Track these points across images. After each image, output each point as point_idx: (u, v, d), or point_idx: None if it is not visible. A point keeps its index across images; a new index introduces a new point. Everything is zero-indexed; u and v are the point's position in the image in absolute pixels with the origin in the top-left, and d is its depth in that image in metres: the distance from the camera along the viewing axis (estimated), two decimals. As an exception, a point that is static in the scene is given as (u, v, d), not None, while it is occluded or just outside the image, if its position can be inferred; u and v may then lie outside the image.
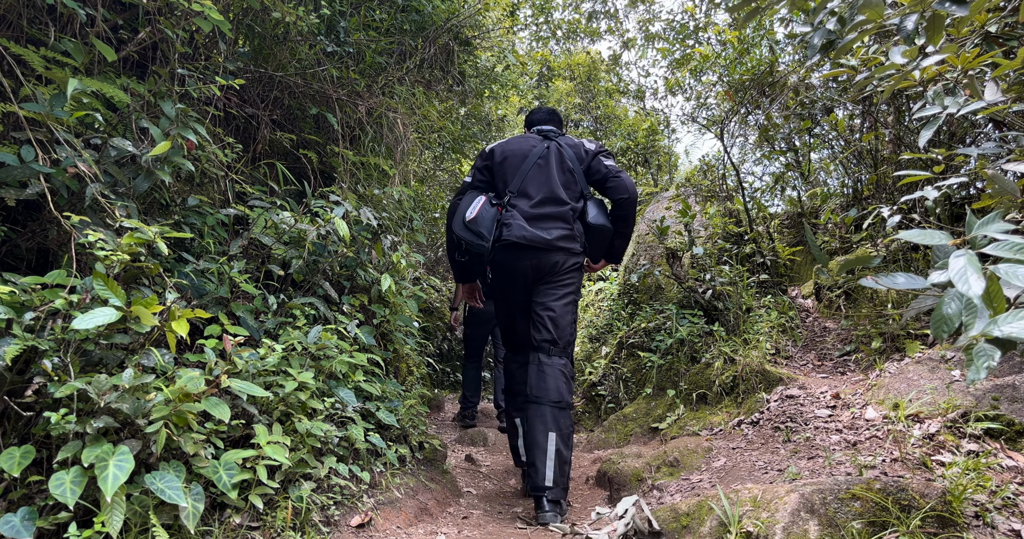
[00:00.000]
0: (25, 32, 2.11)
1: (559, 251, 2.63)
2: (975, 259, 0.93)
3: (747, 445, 2.67)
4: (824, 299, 4.25)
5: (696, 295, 4.06)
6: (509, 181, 2.69)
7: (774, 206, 6.10)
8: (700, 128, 7.10)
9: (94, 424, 1.45)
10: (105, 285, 1.60)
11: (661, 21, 11.18)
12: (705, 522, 1.75)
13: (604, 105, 10.42)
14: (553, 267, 2.64)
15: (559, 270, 2.66)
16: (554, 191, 2.66)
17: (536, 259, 2.62)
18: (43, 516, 1.41)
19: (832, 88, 4.65)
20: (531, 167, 2.70)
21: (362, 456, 2.26)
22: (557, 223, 2.64)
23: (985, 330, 0.92)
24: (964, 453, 2.01)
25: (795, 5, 1.86)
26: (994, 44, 1.88)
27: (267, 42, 3.07)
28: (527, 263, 2.62)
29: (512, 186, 2.67)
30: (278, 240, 2.53)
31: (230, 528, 1.67)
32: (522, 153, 2.74)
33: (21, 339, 1.47)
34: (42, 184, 1.77)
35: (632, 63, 15.35)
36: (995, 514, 1.63)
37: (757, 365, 3.25)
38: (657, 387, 3.80)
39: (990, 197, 1.57)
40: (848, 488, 1.63)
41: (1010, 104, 1.66)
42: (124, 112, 2.13)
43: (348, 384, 2.35)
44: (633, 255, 5.10)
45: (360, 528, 1.96)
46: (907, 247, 3.65)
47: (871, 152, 4.48)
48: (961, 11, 1.43)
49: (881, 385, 2.65)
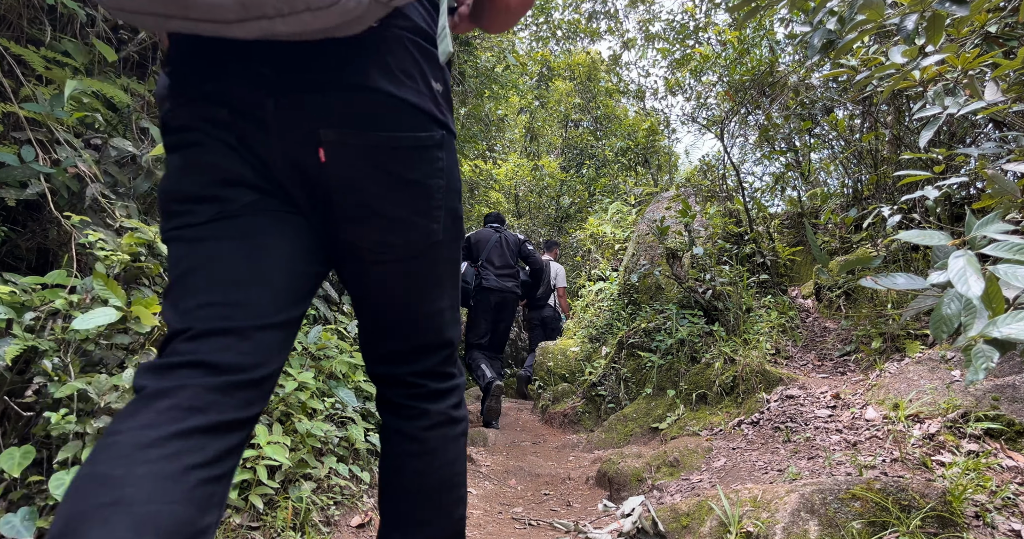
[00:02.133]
0: (25, 32, 2.11)
1: (512, 293, 4.91)
2: (974, 260, 0.93)
3: (747, 445, 2.67)
4: (824, 299, 4.25)
5: (696, 295, 4.06)
6: (480, 254, 4.87)
7: (774, 206, 6.10)
8: (700, 128, 7.11)
9: (94, 424, 1.45)
10: (105, 285, 1.60)
11: (661, 21, 11.19)
12: (705, 522, 1.75)
13: (604, 105, 10.42)
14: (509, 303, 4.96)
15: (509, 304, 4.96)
16: (507, 260, 4.92)
17: (500, 297, 4.86)
18: (43, 516, 1.41)
19: (832, 88, 4.65)
20: (492, 246, 4.87)
21: (362, 456, 2.26)
22: (511, 279, 4.92)
23: (984, 331, 0.92)
24: (964, 453, 2.01)
25: (795, 5, 1.86)
26: (994, 44, 1.88)
27: (267, 42, 3.06)
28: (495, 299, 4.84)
29: (482, 257, 4.86)
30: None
31: (230, 528, 1.67)
32: (486, 238, 4.94)
33: (21, 339, 1.47)
34: (42, 184, 1.77)
35: (632, 63, 15.37)
36: (995, 514, 1.63)
37: (757, 365, 3.25)
38: (657, 387, 3.80)
39: (990, 197, 1.57)
40: (848, 488, 1.63)
41: (1010, 104, 1.66)
42: (124, 112, 2.13)
43: (348, 384, 2.36)
44: (633, 255, 5.10)
45: (360, 528, 1.96)
46: (907, 247, 3.65)
47: (871, 152, 4.49)
48: (961, 11, 1.43)
49: (881, 385, 2.65)
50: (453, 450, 0.95)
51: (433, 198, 0.84)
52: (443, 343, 0.95)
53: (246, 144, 0.77)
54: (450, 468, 0.94)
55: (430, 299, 0.91)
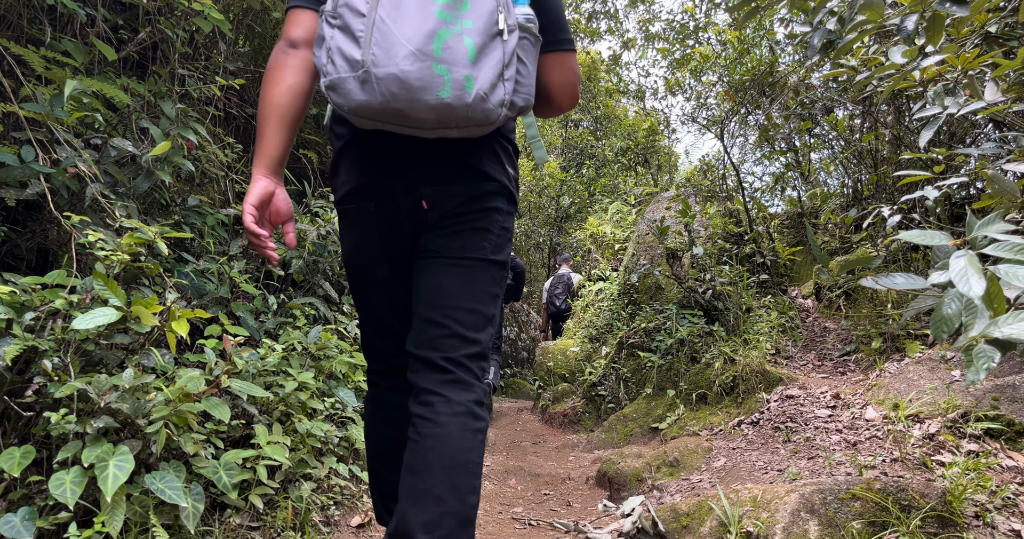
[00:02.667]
0: (25, 32, 2.11)
1: None
2: (975, 260, 0.93)
3: (747, 445, 2.67)
4: (824, 299, 4.25)
5: (696, 295, 4.06)
6: None
7: (774, 206, 6.10)
8: (700, 128, 7.11)
9: (94, 424, 1.45)
10: (105, 285, 1.60)
11: (661, 21, 11.19)
12: (705, 522, 1.75)
13: (604, 105, 10.42)
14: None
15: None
16: None
17: None
18: (43, 516, 1.41)
19: (832, 88, 4.65)
20: None
21: (362, 456, 2.26)
22: None
23: (985, 331, 0.92)
24: (964, 453, 2.01)
25: (795, 5, 1.86)
26: (994, 44, 1.88)
27: (267, 42, 3.07)
28: None
29: None
30: (278, 240, 2.53)
31: (230, 528, 1.67)
32: None
33: (21, 339, 1.47)
34: (42, 184, 1.77)
35: (632, 63, 15.38)
36: (995, 514, 1.63)
37: (757, 365, 3.25)
38: (657, 387, 3.80)
39: (990, 197, 1.57)
40: (848, 488, 1.63)
41: (1010, 104, 1.66)
42: (124, 112, 2.13)
43: (348, 384, 2.36)
44: (633, 255, 5.10)
45: (360, 528, 1.96)
46: (907, 247, 3.65)
47: (871, 152, 4.49)
48: (961, 11, 1.43)
49: (881, 385, 2.65)
50: (471, 440, 1.10)
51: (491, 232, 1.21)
52: (474, 340, 1.17)
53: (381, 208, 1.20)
54: (467, 455, 1.08)
55: (475, 299, 1.18)
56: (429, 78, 0.98)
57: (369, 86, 0.99)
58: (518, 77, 1.07)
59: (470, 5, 1.01)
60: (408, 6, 1.00)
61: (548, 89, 1.23)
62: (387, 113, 1.01)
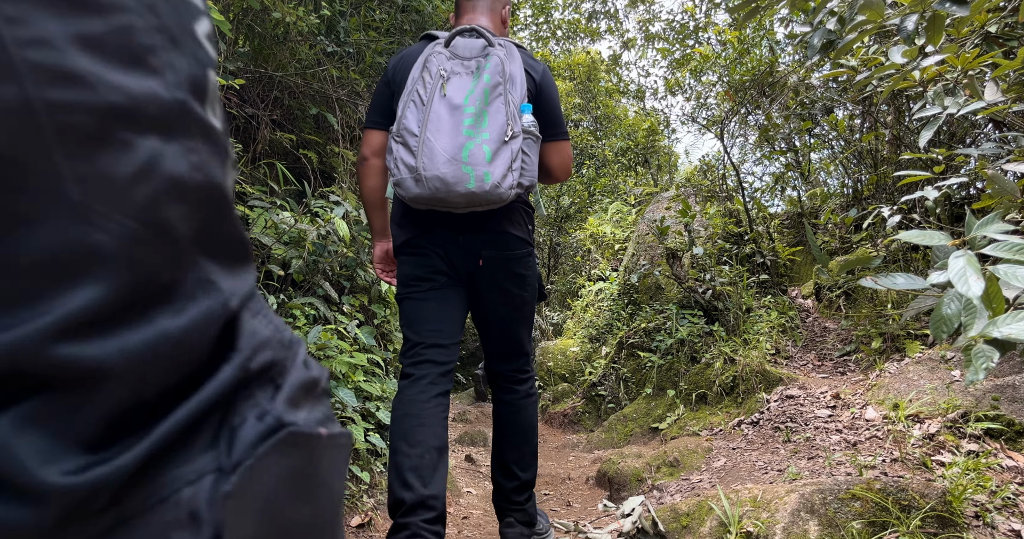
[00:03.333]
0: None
1: None
2: (975, 260, 0.93)
3: (747, 445, 2.67)
4: (824, 299, 4.25)
5: (696, 295, 4.06)
6: None
7: (774, 206, 6.10)
8: (700, 128, 7.11)
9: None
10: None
11: (661, 21, 11.20)
12: (705, 522, 1.75)
13: (604, 105, 10.42)
14: None
15: None
16: None
17: None
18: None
19: (832, 88, 4.65)
20: None
21: (362, 456, 2.26)
22: None
23: (984, 331, 0.92)
24: (964, 453, 2.01)
25: (795, 5, 1.86)
26: (994, 44, 1.88)
27: (267, 42, 3.07)
28: None
29: None
30: (278, 240, 2.53)
31: (230, 528, 1.67)
32: None
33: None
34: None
35: (632, 63, 15.39)
36: (995, 514, 1.63)
37: (757, 365, 3.25)
38: (657, 387, 3.80)
39: (990, 197, 1.57)
40: (848, 488, 1.63)
41: (1010, 104, 1.66)
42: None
43: (348, 384, 2.36)
44: (633, 255, 5.10)
45: (360, 528, 1.96)
46: (907, 247, 3.65)
47: (871, 152, 4.49)
48: (961, 11, 1.43)
49: (881, 385, 2.65)
50: (532, 410, 1.75)
51: (527, 280, 1.65)
52: (523, 353, 1.74)
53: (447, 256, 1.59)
54: (531, 420, 1.74)
55: (519, 329, 1.71)
56: (460, 176, 1.40)
57: (421, 183, 1.42)
58: (523, 166, 1.49)
59: (488, 122, 1.43)
60: (444, 128, 1.42)
61: (548, 167, 1.68)
62: (434, 201, 1.44)
